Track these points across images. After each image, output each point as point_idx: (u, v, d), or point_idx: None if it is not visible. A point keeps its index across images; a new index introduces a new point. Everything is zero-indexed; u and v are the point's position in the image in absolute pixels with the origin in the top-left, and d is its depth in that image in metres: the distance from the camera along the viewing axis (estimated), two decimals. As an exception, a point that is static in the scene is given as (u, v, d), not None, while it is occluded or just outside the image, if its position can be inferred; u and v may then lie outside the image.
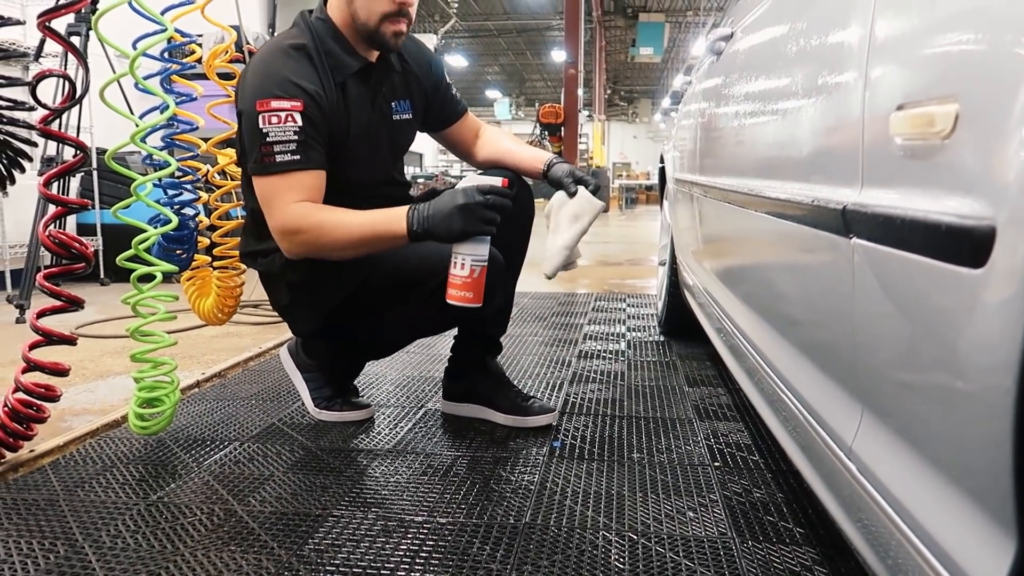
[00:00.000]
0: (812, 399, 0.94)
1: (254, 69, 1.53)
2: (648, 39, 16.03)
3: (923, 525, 0.61)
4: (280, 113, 1.46)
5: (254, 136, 1.48)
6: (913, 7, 0.67)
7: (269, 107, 1.46)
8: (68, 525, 1.23)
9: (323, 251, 1.50)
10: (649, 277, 4.56)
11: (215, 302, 1.99)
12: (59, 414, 1.85)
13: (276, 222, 1.49)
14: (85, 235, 4.14)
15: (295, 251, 1.51)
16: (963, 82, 0.56)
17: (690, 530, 1.20)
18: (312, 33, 1.58)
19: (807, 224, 0.92)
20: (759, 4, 1.42)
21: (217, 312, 2.01)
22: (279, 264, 1.61)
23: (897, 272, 0.67)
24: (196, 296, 2.02)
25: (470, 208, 1.43)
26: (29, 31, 3.52)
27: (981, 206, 0.52)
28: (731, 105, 1.53)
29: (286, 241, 1.50)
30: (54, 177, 1.46)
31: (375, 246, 1.49)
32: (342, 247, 1.49)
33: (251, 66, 1.55)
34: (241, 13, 3.26)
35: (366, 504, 1.31)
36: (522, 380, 2.09)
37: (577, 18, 8.67)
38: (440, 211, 1.44)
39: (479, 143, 1.86)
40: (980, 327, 0.52)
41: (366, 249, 1.50)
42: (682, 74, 4.58)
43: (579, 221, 1.59)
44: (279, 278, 1.65)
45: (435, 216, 1.44)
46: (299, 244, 1.49)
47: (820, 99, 0.90)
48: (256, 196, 1.54)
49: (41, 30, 1.36)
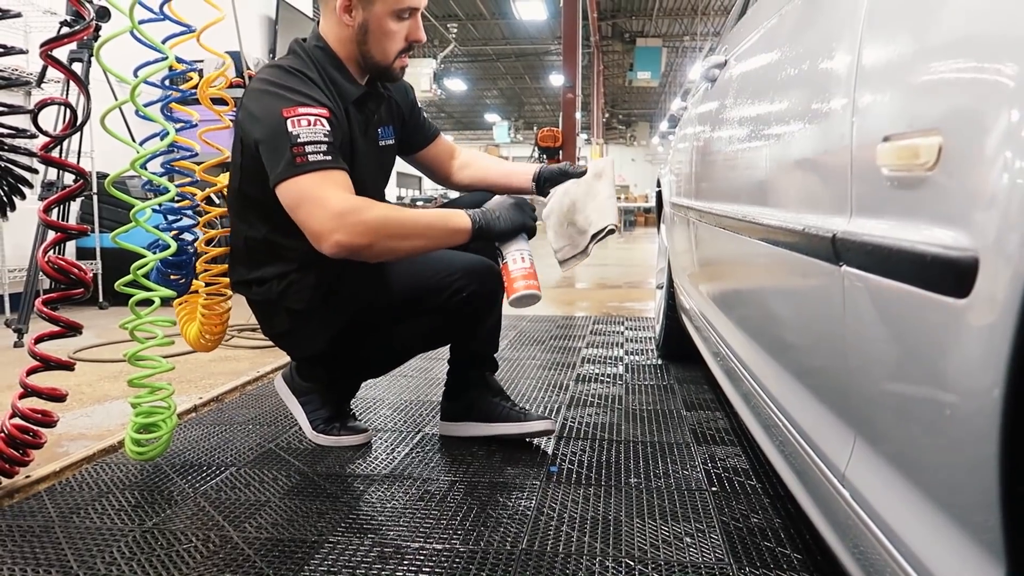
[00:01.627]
0: (806, 425, 0.94)
1: (264, 90, 1.52)
2: (646, 63, 16.19)
3: (914, 552, 0.62)
4: (309, 117, 1.46)
5: (281, 141, 1.44)
6: (898, 41, 0.69)
7: (297, 112, 1.46)
8: (63, 552, 1.23)
9: (382, 236, 1.44)
10: (647, 300, 4.57)
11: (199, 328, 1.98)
12: (56, 439, 1.84)
13: (329, 209, 1.42)
14: (84, 259, 4.15)
15: (349, 241, 1.42)
16: (946, 115, 0.57)
17: (687, 556, 1.20)
18: (313, 61, 1.60)
19: (798, 251, 0.93)
20: (752, 33, 1.45)
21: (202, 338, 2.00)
22: (277, 291, 1.62)
23: (886, 300, 0.67)
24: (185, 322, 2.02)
25: (521, 206, 1.61)
26: (32, 58, 3.56)
27: (964, 237, 0.53)
28: (725, 132, 1.54)
29: (342, 229, 1.41)
30: (54, 203, 1.47)
31: (437, 238, 1.52)
32: (405, 234, 1.48)
33: (258, 89, 1.53)
34: (242, 39, 3.30)
35: (362, 530, 1.30)
36: (520, 403, 2.09)
37: (575, 43, 8.77)
38: (499, 209, 1.58)
39: (456, 164, 1.92)
40: (965, 356, 0.53)
41: (423, 240, 1.51)
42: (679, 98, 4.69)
43: (604, 175, 1.72)
44: (276, 304, 1.64)
45: (495, 213, 1.57)
46: (359, 225, 1.41)
47: (810, 128, 0.92)
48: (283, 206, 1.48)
49: (44, 59, 1.38)
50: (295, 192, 1.45)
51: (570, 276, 6.10)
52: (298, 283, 1.61)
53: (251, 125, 1.52)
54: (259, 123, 1.50)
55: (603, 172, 1.74)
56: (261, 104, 1.51)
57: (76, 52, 3.29)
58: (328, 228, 1.42)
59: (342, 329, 1.67)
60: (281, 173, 1.45)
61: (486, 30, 18.02)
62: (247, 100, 1.55)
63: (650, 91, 23.38)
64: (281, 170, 1.45)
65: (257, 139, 1.50)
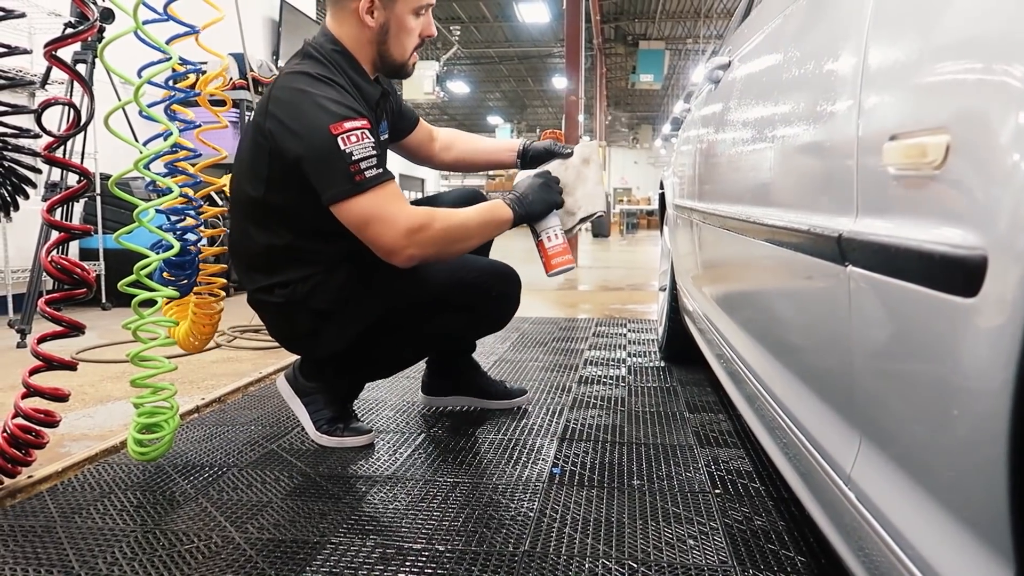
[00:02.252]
0: (811, 426, 0.94)
1: (300, 102, 1.50)
2: (648, 66, 16.18)
3: (922, 554, 0.61)
4: (356, 132, 1.49)
5: (335, 159, 1.47)
6: (904, 39, 0.68)
7: (344, 128, 1.48)
8: (65, 552, 1.22)
9: (447, 243, 1.56)
10: (650, 302, 4.57)
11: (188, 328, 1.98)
12: (58, 439, 1.84)
13: (399, 227, 1.49)
14: (88, 260, 4.15)
15: (421, 254, 1.53)
16: (954, 113, 0.57)
17: (691, 558, 1.20)
18: (335, 66, 1.61)
19: (804, 252, 0.92)
20: (756, 34, 1.44)
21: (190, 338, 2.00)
22: (303, 292, 1.63)
23: (892, 300, 0.67)
24: None
25: (548, 186, 1.71)
26: (36, 59, 3.56)
27: (973, 236, 0.52)
28: (729, 133, 1.54)
29: (414, 245, 1.51)
30: (57, 203, 1.47)
31: (488, 233, 1.64)
32: (465, 236, 1.59)
33: (291, 101, 1.52)
34: (245, 40, 3.30)
35: (364, 531, 1.30)
36: (521, 405, 2.09)
37: (578, 46, 8.76)
38: (531, 193, 1.69)
39: (438, 146, 2.02)
40: (973, 355, 0.53)
41: (478, 237, 1.62)
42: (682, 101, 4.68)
43: (592, 160, 1.80)
44: (301, 305, 1.64)
45: (529, 198, 1.68)
46: (428, 240, 1.52)
47: (815, 128, 0.91)
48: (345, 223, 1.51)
49: (48, 59, 1.38)
50: (360, 212, 1.50)
51: (572, 278, 6.10)
52: (324, 283, 1.63)
53: (290, 139, 1.51)
54: (302, 139, 1.49)
55: (590, 158, 1.82)
56: (301, 117, 1.50)
57: (80, 53, 3.29)
58: (401, 245, 1.51)
59: (365, 327, 1.68)
60: (340, 193, 1.49)
61: (489, 32, 18.03)
62: (278, 111, 1.53)
63: (653, 94, 23.37)
64: (340, 190, 1.49)
65: (300, 155, 1.50)
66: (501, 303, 1.82)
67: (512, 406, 2.05)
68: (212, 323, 2.03)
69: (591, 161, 1.81)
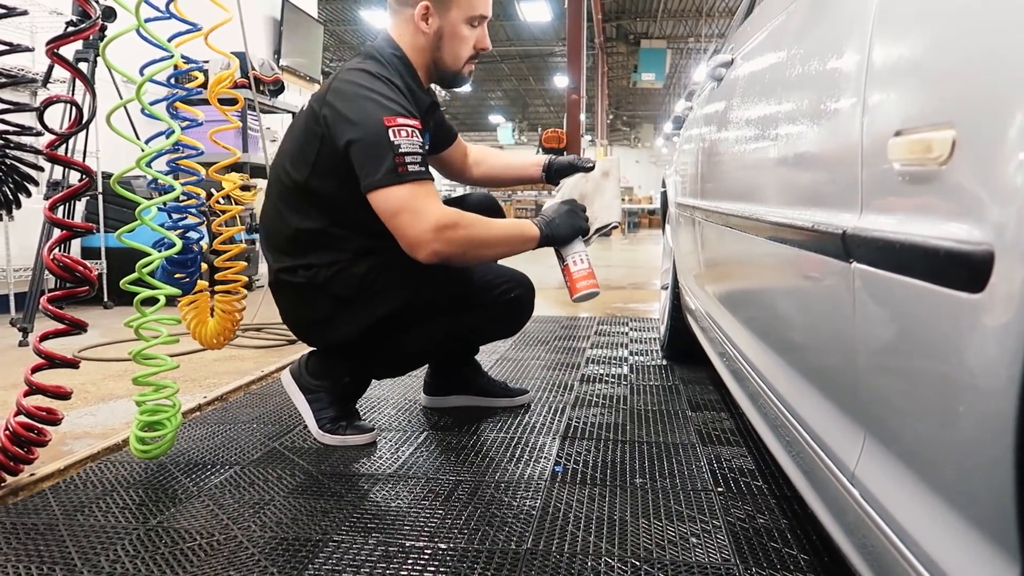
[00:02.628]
0: (814, 424, 0.94)
1: (358, 94, 1.57)
2: (650, 65, 16.17)
3: (927, 551, 0.61)
4: (408, 128, 1.56)
5: (383, 149, 1.53)
6: (910, 34, 0.68)
7: (397, 123, 1.55)
8: (67, 550, 1.22)
9: (473, 246, 1.60)
10: (652, 301, 4.56)
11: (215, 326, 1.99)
12: (60, 437, 1.84)
13: (429, 222, 1.53)
14: (90, 259, 4.15)
15: (446, 251, 1.55)
16: (960, 108, 0.57)
17: (693, 556, 1.19)
18: (392, 68, 1.67)
19: (807, 248, 0.92)
20: (759, 31, 1.44)
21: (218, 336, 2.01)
22: (325, 276, 1.66)
23: (897, 296, 0.67)
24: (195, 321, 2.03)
25: (575, 211, 1.76)
26: (38, 57, 3.56)
27: (979, 231, 0.52)
28: (732, 130, 1.54)
29: (440, 241, 1.54)
30: (60, 201, 1.47)
31: (513, 246, 1.68)
32: (491, 244, 1.63)
33: (350, 92, 1.58)
34: (247, 40, 3.30)
35: (367, 529, 1.30)
36: (524, 404, 2.09)
37: (579, 44, 8.76)
38: (558, 217, 1.74)
39: (470, 161, 2.08)
40: (979, 352, 0.52)
41: (504, 248, 1.66)
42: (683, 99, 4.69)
43: (611, 174, 1.86)
44: (321, 289, 1.67)
45: (556, 221, 1.73)
46: (453, 241, 1.55)
47: (819, 125, 0.91)
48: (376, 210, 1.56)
49: (50, 56, 1.38)
50: (394, 201, 1.55)
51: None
52: (347, 271, 1.67)
53: (343, 126, 1.57)
54: (355, 126, 1.56)
55: (610, 171, 1.87)
56: (358, 108, 1.56)
57: (82, 52, 3.29)
58: (427, 239, 1.54)
59: (381, 319, 1.70)
60: (380, 180, 1.54)
61: (491, 31, 17.97)
62: (336, 100, 1.60)
63: (654, 93, 23.35)
64: (380, 177, 1.54)
65: (351, 140, 1.56)
66: (516, 309, 1.85)
67: (514, 404, 2.06)
68: (235, 321, 2.04)
69: (610, 174, 1.87)
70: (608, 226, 1.83)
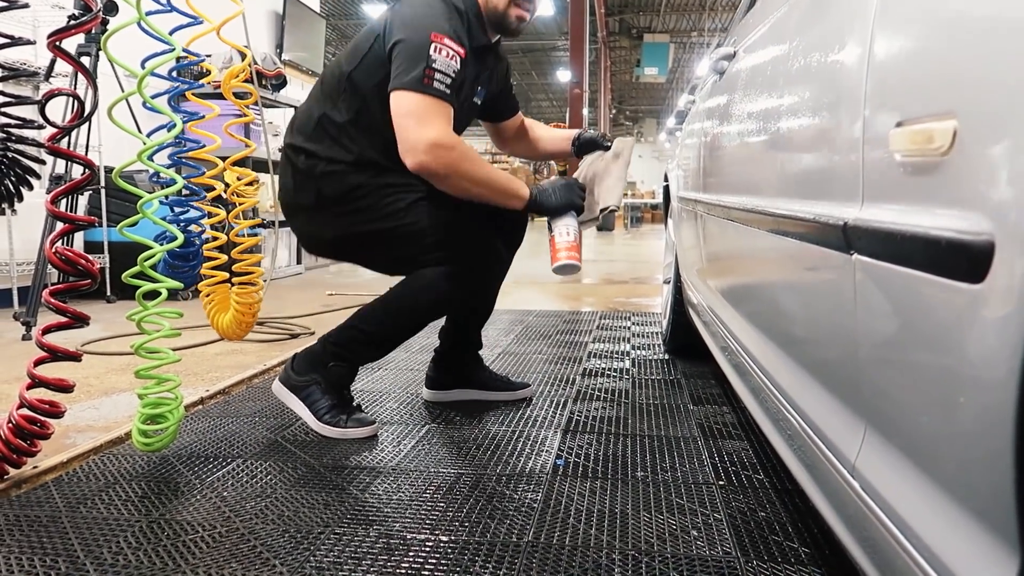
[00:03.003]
0: (815, 417, 0.93)
1: (426, 6, 1.67)
2: (653, 59, 16.13)
3: (927, 543, 0.61)
4: (450, 50, 1.62)
5: (417, 55, 1.60)
6: (912, 24, 0.68)
7: (443, 41, 1.62)
8: (70, 542, 1.23)
9: (457, 175, 1.64)
10: (654, 296, 4.56)
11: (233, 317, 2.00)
12: (63, 431, 1.85)
13: (430, 135, 1.59)
14: (92, 253, 4.16)
15: (430, 166, 1.61)
16: (961, 98, 0.57)
17: (695, 550, 1.20)
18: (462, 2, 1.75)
19: (809, 241, 0.92)
20: (761, 24, 1.43)
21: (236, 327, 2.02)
22: (320, 170, 1.73)
23: (898, 288, 0.67)
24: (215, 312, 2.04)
25: (572, 188, 1.80)
26: (41, 51, 3.57)
27: (980, 221, 0.52)
28: (734, 123, 1.53)
29: (432, 154, 1.59)
30: (62, 195, 1.47)
31: (494, 195, 1.71)
32: (476, 181, 1.67)
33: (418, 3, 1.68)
34: (249, 34, 3.29)
35: (368, 522, 1.30)
36: (526, 398, 2.09)
37: (582, 39, 8.74)
38: (552, 188, 1.79)
39: (516, 134, 2.18)
40: (980, 342, 0.52)
41: (487, 192, 1.69)
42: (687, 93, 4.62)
43: (622, 156, 1.90)
44: (313, 181, 1.75)
45: (549, 191, 1.78)
46: (442, 160, 1.60)
47: (821, 117, 0.91)
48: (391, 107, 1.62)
49: (51, 50, 1.38)
50: (409, 103, 1.61)
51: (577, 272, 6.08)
52: (342, 175, 1.73)
53: (398, 26, 1.66)
54: (408, 28, 1.65)
55: (622, 153, 1.92)
56: (415, 15, 1.66)
57: (84, 46, 3.29)
58: (420, 148, 1.59)
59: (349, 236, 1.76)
60: (405, 83, 1.61)
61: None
62: (402, 7, 1.71)
63: (657, 87, 23.30)
64: (407, 81, 1.61)
65: (397, 40, 1.64)
66: (483, 261, 1.79)
67: (515, 398, 2.07)
68: (252, 312, 2.05)
69: (620, 156, 1.90)
70: (606, 211, 1.85)
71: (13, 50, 1.52)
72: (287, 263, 5.78)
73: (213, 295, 2.02)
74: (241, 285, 2.00)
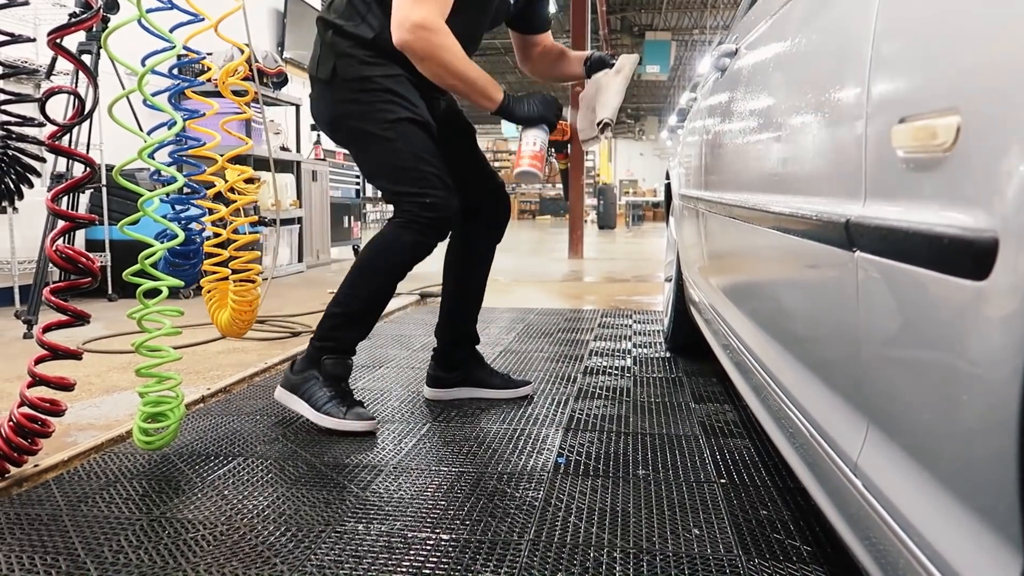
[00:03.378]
0: (817, 415, 0.93)
1: None
2: (654, 57, 16.09)
3: (930, 542, 0.61)
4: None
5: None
6: (914, 20, 0.67)
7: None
8: (71, 540, 1.23)
9: (433, 59, 1.69)
10: (655, 294, 4.56)
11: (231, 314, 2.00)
12: (64, 429, 1.85)
13: (417, 15, 1.64)
14: (93, 251, 4.16)
15: (411, 44, 1.67)
16: (965, 94, 0.56)
17: (696, 548, 1.19)
18: None
19: (811, 238, 0.91)
20: (763, 21, 1.43)
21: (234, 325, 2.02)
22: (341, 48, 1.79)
23: (901, 285, 0.66)
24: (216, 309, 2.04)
25: (549, 103, 1.85)
26: (42, 49, 3.56)
27: (984, 217, 0.51)
28: (735, 120, 1.53)
29: (414, 34, 1.66)
30: (62, 192, 1.47)
31: (469, 90, 1.76)
32: (448, 68, 1.71)
33: None
34: (250, 31, 3.29)
35: (369, 520, 1.30)
36: (526, 395, 2.09)
37: (584, 36, 8.72)
38: (528, 98, 1.84)
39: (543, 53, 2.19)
40: (983, 339, 0.52)
41: (461, 85, 1.74)
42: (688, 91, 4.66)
43: (622, 71, 1.94)
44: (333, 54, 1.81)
45: (524, 101, 1.83)
46: (421, 40, 1.66)
47: (823, 113, 0.90)
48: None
49: (51, 47, 1.38)
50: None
51: (578, 270, 6.09)
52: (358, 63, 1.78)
53: None
54: None
55: (622, 68, 1.95)
56: None
57: (85, 44, 3.29)
58: (406, 25, 1.65)
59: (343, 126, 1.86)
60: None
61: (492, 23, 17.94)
62: None
63: (659, 85, 23.25)
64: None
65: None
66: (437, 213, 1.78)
67: (516, 396, 2.07)
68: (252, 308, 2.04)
69: (621, 72, 1.94)
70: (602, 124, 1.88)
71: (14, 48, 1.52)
72: (288, 261, 5.78)
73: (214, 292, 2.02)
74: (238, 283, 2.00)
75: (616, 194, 16.52)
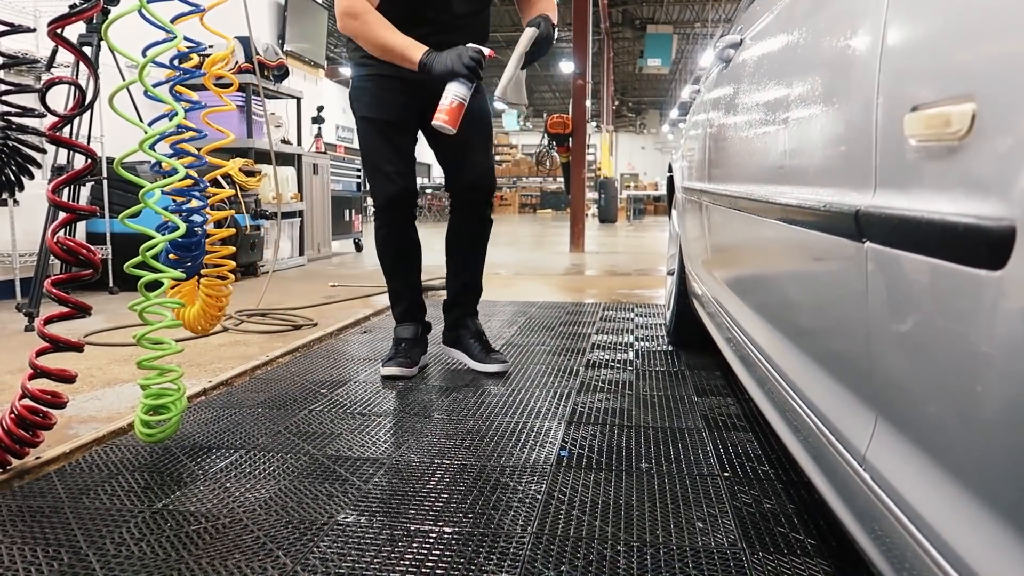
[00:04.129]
0: (824, 407, 0.92)
1: None
2: (656, 51, 16.05)
3: (940, 535, 0.60)
4: None
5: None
6: (927, 4, 0.66)
7: None
8: (72, 532, 1.22)
9: (360, 38, 1.98)
10: (657, 287, 4.55)
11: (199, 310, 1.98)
12: (65, 421, 1.84)
13: (342, 5, 1.95)
14: (94, 243, 4.15)
15: (344, 32, 2.00)
16: (980, 81, 0.55)
17: (699, 541, 1.19)
18: None
19: (819, 229, 0.90)
20: (768, 10, 1.42)
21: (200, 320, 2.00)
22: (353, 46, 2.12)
23: (912, 275, 0.65)
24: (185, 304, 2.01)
25: (461, 55, 1.91)
26: (44, 41, 3.55)
27: (1000, 206, 0.50)
28: (741, 112, 1.52)
29: (342, 22, 1.97)
30: (63, 184, 1.46)
31: (392, 57, 1.96)
32: (373, 43, 1.97)
33: None
34: (251, 25, 3.28)
35: (371, 512, 1.29)
36: (529, 389, 2.08)
37: (585, 30, 8.68)
38: (447, 54, 1.91)
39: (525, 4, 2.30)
40: (999, 330, 0.51)
41: (387, 55, 1.97)
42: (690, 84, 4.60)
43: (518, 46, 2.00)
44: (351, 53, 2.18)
45: (441, 56, 1.91)
46: (349, 27, 1.97)
47: (831, 102, 0.89)
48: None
49: (52, 37, 1.36)
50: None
51: (579, 264, 6.08)
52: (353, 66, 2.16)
53: None
54: None
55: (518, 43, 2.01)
56: None
57: (85, 36, 3.28)
58: (337, 15, 1.99)
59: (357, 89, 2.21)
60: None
61: (495, 16, 17.85)
62: None
63: (660, 78, 23.20)
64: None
65: None
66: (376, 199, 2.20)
67: (485, 371, 2.27)
68: (220, 306, 2.02)
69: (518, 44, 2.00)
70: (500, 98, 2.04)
71: (14, 39, 1.50)
72: (289, 254, 5.78)
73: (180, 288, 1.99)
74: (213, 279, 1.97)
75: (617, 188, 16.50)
